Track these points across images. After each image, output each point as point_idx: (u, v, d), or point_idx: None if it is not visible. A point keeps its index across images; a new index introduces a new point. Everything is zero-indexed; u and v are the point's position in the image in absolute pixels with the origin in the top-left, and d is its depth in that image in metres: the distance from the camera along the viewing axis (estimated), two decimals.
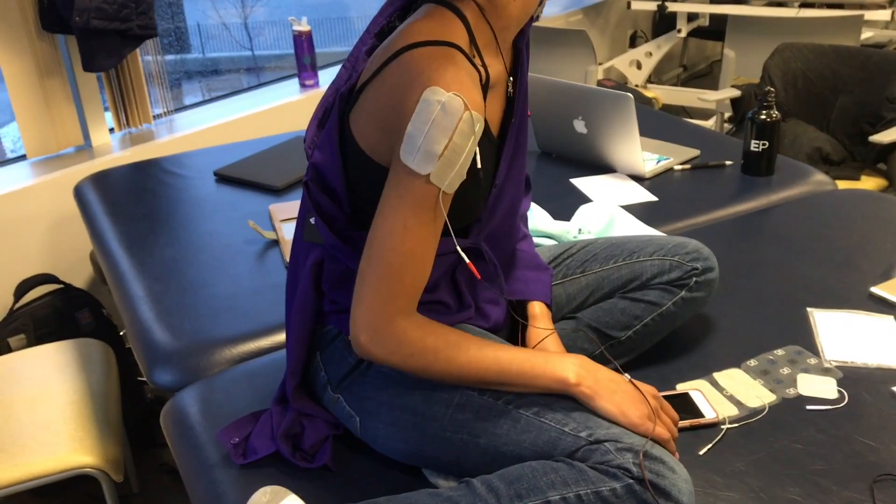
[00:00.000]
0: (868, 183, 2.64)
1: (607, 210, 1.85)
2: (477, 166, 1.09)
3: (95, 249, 1.96)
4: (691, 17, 4.20)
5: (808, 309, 1.53)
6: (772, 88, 2.03)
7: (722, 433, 1.22)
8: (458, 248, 1.12)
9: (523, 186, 1.29)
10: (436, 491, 1.06)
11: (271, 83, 3.33)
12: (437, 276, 1.20)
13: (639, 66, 4.15)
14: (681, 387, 1.33)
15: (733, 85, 3.25)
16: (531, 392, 1.09)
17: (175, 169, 2.32)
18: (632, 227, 1.83)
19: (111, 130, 2.72)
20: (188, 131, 2.76)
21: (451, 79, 1.01)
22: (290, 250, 1.27)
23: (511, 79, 1.20)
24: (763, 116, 2.03)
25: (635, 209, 1.94)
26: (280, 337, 1.53)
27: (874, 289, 1.58)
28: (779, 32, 3.52)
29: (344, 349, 1.20)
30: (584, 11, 4.53)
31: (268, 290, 1.65)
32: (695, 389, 1.30)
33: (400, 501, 1.05)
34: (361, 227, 1.17)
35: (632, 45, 4.87)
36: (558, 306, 1.40)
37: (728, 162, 2.17)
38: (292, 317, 1.24)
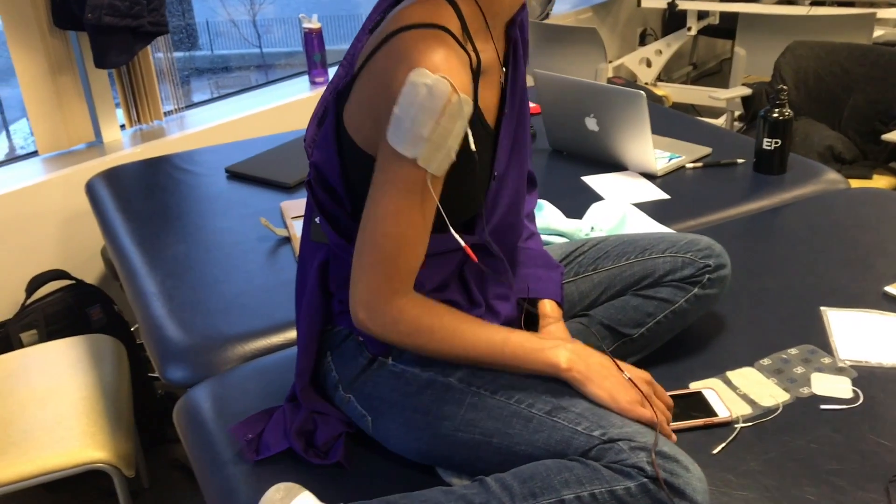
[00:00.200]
0: (880, 181, 2.63)
1: (619, 208, 1.85)
2: (471, 149, 1.07)
3: (108, 245, 1.97)
4: (701, 15, 4.19)
5: (822, 308, 1.52)
6: (784, 86, 2.02)
7: (735, 432, 1.22)
8: (455, 234, 1.11)
9: (525, 181, 1.28)
10: (449, 489, 1.06)
11: (281, 80, 3.33)
12: (446, 276, 1.19)
13: (648, 64, 4.14)
14: (694, 385, 1.32)
15: (744, 83, 3.24)
16: (525, 375, 1.11)
17: (186, 166, 2.32)
18: (644, 225, 1.82)
19: (122, 127, 2.73)
20: (198, 128, 2.77)
21: (439, 61, 0.99)
22: (299, 250, 1.27)
23: (504, 69, 1.19)
24: (776, 114, 2.02)
25: (647, 207, 1.94)
26: (292, 334, 1.53)
27: (888, 288, 1.57)
28: (790, 30, 3.50)
29: (354, 349, 1.20)
30: (594, 9, 4.52)
31: (280, 288, 1.65)
32: (708, 388, 1.30)
33: (413, 499, 1.05)
34: None
35: (641, 43, 4.85)
36: (570, 304, 1.39)
37: (740, 160, 2.16)
38: (301, 318, 1.24)
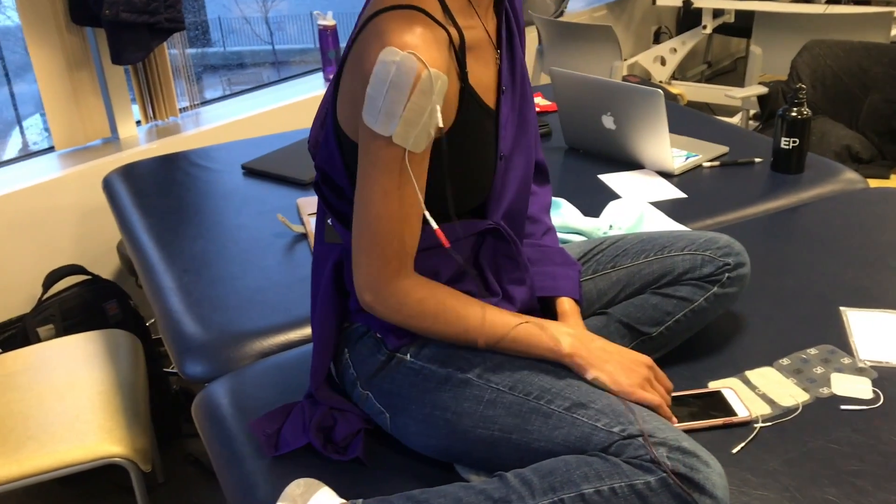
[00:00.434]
0: None
1: (637, 206, 1.84)
2: (439, 125, 1.04)
3: (125, 241, 1.97)
4: (717, 13, 4.17)
5: (841, 308, 1.51)
6: (802, 85, 2.01)
7: (755, 432, 1.21)
8: (428, 216, 1.09)
9: (533, 164, 1.28)
10: (468, 484, 1.06)
11: (295, 77, 3.33)
12: (461, 264, 1.19)
13: (663, 63, 4.13)
14: (713, 385, 1.32)
15: (760, 82, 3.22)
16: (541, 369, 1.12)
17: (202, 162, 2.33)
18: (661, 224, 1.82)
19: (138, 123, 2.74)
20: (213, 125, 2.78)
21: (409, 38, 1.01)
22: (313, 251, 1.27)
23: (498, 49, 1.19)
24: (794, 113, 2.01)
25: (664, 206, 1.93)
26: (309, 330, 1.53)
27: None
28: (806, 29, 3.49)
29: (372, 346, 1.20)
30: (609, 7, 4.51)
31: (296, 284, 1.66)
32: (727, 388, 1.29)
33: (433, 494, 1.05)
34: None
35: (656, 41, 4.84)
36: (589, 302, 1.39)
37: (757, 159, 2.15)
38: (315, 319, 1.24)
